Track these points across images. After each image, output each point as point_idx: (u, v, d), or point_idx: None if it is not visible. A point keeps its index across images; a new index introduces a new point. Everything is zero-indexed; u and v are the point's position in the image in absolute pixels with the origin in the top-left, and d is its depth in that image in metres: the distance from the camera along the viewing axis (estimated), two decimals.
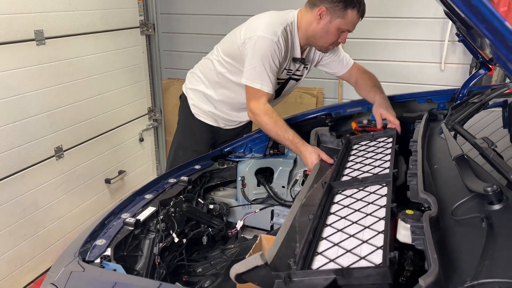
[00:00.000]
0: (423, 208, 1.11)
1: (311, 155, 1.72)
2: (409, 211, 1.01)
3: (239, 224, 1.88)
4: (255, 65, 1.85)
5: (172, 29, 3.72)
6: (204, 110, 2.21)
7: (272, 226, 1.94)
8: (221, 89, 2.14)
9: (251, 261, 0.99)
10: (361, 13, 1.85)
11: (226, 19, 3.48)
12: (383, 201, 1.23)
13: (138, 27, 3.43)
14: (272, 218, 1.93)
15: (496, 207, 0.90)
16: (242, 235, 1.92)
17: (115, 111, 3.24)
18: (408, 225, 0.97)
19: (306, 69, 2.14)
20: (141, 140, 3.64)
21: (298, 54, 2.01)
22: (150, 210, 1.53)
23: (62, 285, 1.09)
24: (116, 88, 3.23)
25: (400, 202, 1.22)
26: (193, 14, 3.61)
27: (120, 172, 3.37)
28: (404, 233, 0.98)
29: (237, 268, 1.01)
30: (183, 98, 2.31)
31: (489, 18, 0.86)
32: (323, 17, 1.85)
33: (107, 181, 3.23)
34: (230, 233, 1.90)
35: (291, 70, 2.07)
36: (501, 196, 0.90)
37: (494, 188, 0.89)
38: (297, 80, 2.15)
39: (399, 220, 1.02)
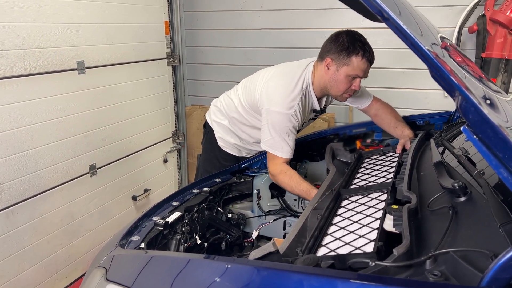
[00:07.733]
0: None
1: None
2: (394, 206, 1.21)
3: (254, 234, 1.97)
4: (273, 135, 1.94)
5: (195, 60, 3.93)
6: (230, 143, 2.34)
7: (284, 236, 1.98)
8: (244, 127, 2.26)
9: (265, 248, 1.19)
10: (368, 59, 1.87)
11: (244, 51, 3.68)
12: (382, 205, 1.39)
13: (165, 58, 3.65)
14: (284, 228, 2.01)
15: (462, 199, 1.09)
16: (257, 244, 1.98)
17: (142, 134, 3.45)
18: (392, 216, 1.17)
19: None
20: (165, 161, 3.80)
21: (316, 106, 2.10)
22: (176, 214, 1.69)
23: (107, 265, 1.27)
24: (144, 113, 3.44)
25: (398, 205, 1.39)
26: (214, 47, 3.82)
27: (146, 190, 3.52)
28: (388, 223, 1.17)
29: (254, 254, 1.18)
30: (208, 129, 2.43)
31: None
32: (330, 67, 1.92)
33: (134, 198, 3.38)
34: (246, 243, 2.00)
35: (313, 118, 2.23)
36: (466, 190, 1.09)
37: (460, 184, 1.09)
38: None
39: (386, 213, 1.22)
